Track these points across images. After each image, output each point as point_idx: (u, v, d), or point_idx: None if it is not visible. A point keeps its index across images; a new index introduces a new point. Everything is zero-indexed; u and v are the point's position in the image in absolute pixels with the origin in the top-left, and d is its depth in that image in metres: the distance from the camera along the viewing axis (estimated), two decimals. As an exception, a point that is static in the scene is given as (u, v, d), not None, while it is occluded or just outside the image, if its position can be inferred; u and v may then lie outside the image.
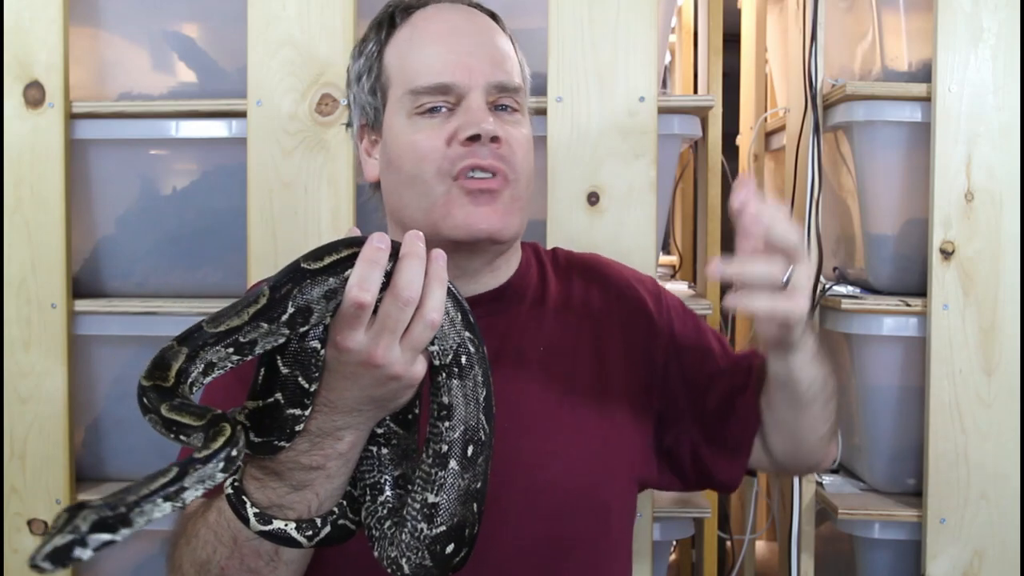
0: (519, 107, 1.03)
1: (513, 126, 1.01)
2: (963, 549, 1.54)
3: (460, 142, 0.97)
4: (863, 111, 1.58)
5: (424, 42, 1.01)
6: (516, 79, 1.02)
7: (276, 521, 0.80)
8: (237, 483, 0.81)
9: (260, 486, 0.80)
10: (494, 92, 1.00)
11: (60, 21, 1.55)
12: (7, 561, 1.58)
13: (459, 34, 1.01)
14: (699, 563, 2.07)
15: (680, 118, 1.57)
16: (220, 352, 0.74)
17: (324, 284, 0.73)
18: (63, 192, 1.56)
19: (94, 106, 1.58)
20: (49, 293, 1.57)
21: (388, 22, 1.05)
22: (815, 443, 1.06)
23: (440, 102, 0.99)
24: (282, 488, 0.80)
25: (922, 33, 1.58)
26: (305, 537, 0.81)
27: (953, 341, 1.54)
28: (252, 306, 0.73)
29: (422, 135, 0.99)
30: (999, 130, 1.52)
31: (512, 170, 0.99)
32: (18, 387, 1.58)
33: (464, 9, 1.05)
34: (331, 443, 0.79)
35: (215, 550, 0.84)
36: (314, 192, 1.52)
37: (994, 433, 1.54)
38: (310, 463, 0.79)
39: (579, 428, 1.01)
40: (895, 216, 1.64)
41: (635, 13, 1.48)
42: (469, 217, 0.97)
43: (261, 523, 0.80)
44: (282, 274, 0.74)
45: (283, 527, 0.80)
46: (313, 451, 0.79)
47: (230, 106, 1.55)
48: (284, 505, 0.80)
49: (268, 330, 0.74)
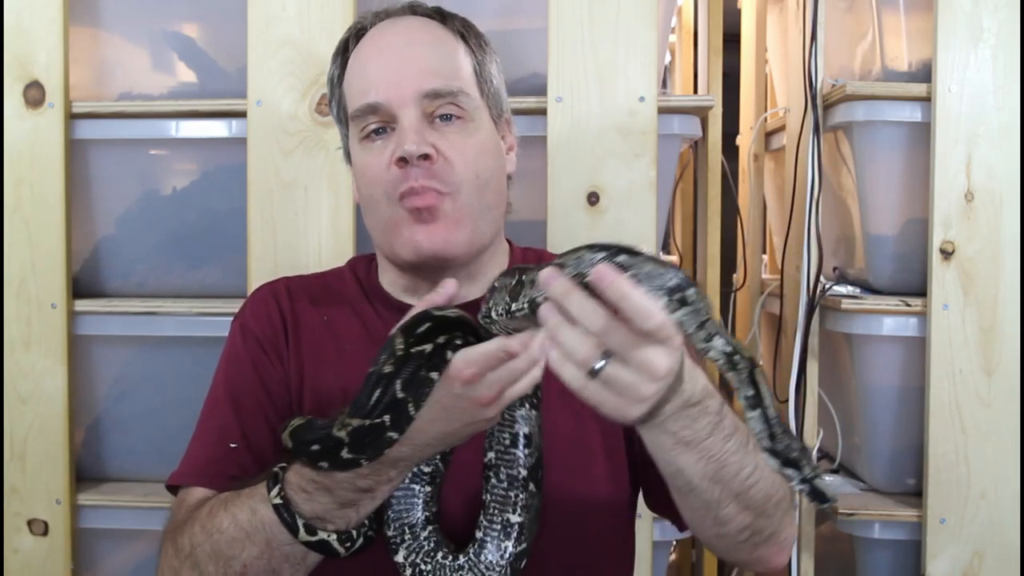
0: (464, 113, 1.01)
1: (457, 135, 0.99)
2: (963, 549, 1.54)
3: (394, 164, 0.98)
4: (863, 111, 1.58)
5: (360, 66, 1.03)
6: (453, 82, 1.00)
7: (320, 532, 0.85)
8: (284, 494, 0.85)
9: (308, 499, 0.84)
10: (428, 102, 0.99)
11: (60, 21, 1.55)
12: (7, 561, 1.58)
13: (389, 51, 1.01)
14: (699, 563, 2.07)
15: (680, 118, 1.57)
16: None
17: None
18: (63, 192, 1.56)
19: (94, 106, 1.58)
20: (49, 293, 1.56)
21: (343, 48, 1.07)
22: (712, 540, 0.92)
23: (377, 123, 1.00)
24: (330, 504, 0.84)
25: (922, 33, 1.58)
26: (344, 548, 0.86)
27: (953, 341, 1.54)
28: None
29: (369, 159, 1.01)
30: (999, 130, 1.52)
31: (448, 184, 0.98)
32: (18, 387, 1.57)
33: (405, 22, 1.05)
34: (387, 470, 0.83)
35: (243, 548, 0.86)
36: (314, 192, 1.52)
37: (994, 433, 1.54)
38: (364, 485, 0.83)
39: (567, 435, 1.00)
40: (895, 216, 1.64)
41: (635, 13, 1.48)
42: (414, 236, 0.98)
43: (308, 533, 0.84)
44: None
45: (325, 538, 0.85)
46: (370, 476, 0.83)
47: (230, 106, 1.55)
48: (327, 519, 0.84)
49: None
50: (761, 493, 0.85)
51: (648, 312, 0.66)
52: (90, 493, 1.62)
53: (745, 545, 0.90)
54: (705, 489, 0.82)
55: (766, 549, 0.91)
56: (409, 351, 0.77)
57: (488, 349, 0.75)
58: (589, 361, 0.69)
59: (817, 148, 1.64)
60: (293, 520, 0.84)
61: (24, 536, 1.58)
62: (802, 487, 0.74)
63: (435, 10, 1.07)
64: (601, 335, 0.68)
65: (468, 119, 1.01)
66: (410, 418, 0.79)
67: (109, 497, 1.60)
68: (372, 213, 1.03)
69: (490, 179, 1.02)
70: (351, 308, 1.07)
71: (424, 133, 0.98)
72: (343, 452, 0.79)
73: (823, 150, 1.65)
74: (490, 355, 0.75)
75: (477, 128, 1.02)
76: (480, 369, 0.75)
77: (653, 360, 0.68)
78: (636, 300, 0.66)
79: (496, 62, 1.08)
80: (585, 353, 0.68)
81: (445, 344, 0.79)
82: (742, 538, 0.88)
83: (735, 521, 0.86)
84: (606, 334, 0.67)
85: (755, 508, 0.86)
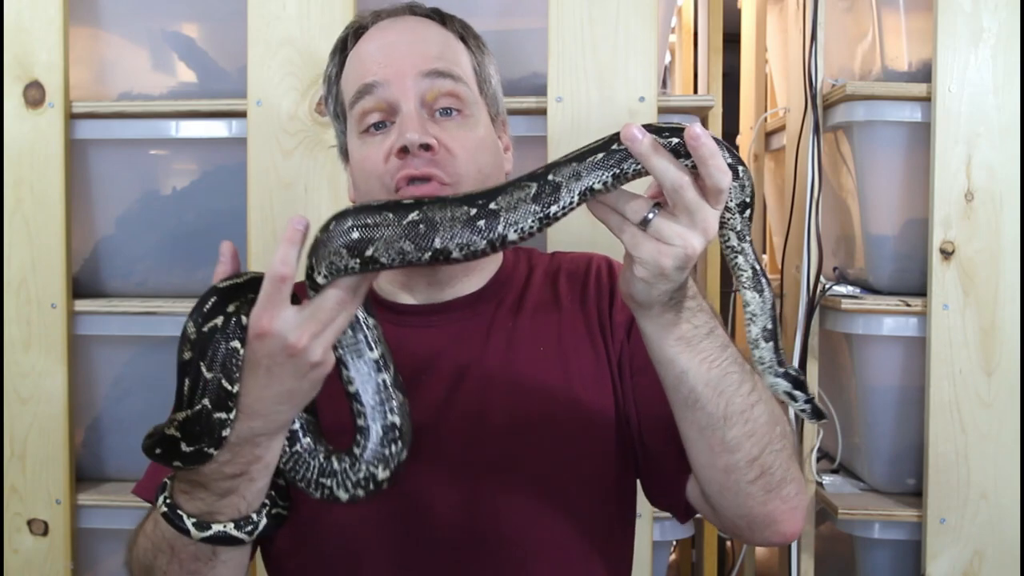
0: (464, 107, 1.01)
1: (458, 129, 1.00)
2: (963, 549, 1.54)
3: (395, 155, 0.97)
4: (863, 111, 1.58)
5: (359, 58, 1.03)
6: (455, 68, 1.01)
7: (214, 526, 0.85)
8: (169, 499, 0.86)
9: (189, 498, 0.85)
10: (429, 83, 0.98)
11: (60, 21, 1.55)
12: (7, 561, 1.58)
13: (390, 42, 1.02)
14: (699, 563, 2.07)
15: (680, 118, 1.57)
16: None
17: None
18: (63, 192, 1.56)
19: (94, 106, 1.58)
20: (49, 293, 1.57)
21: (341, 46, 1.07)
22: (722, 479, 0.89)
23: (378, 118, 1.00)
24: (210, 497, 0.84)
25: (922, 33, 1.58)
26: (245, 533, 0.86)
27: (953, 341, 1.54)
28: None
29: (367, 152, 1.01)
30: (999, 130, 1.52)
31: (450, 174, 0.98)
32: (18, 387, 1.58)
33: (405, 21, 1.05)
34: (250, 450, 0.82)
35: (157, 558, 0.89)
36: (314, 192, 1.52)
37: (994, 433, 1.54)
38: (233, 472, 0.83)
39: (552, 432, 1.00)
40: (895, 216, 1.64)
41: (635, 13, 1.48)
42: None
43: (201, 530, 0.85)
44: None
45: (222, 529, 0.85)
46: (235, 460, 0.82)
47: (230, 106, 1.55)
48: (215, 512, 0.85)
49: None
50: (764, 416, 0.86)
51: (727, 172, 0.73)
52: (90, 493, 1.62)
53: (756, 489, 0.88)
54: (710, 400, 0.84)
55: (779, 502, 0.90)
56: (201, 331, 0.77)
57: (264, 291, 0.75)
58: (640, 212, 0.75)
59: (817, 148, 1.64)
60: (181, 521, 0.85)
61: (24, 536, 1.58)
62: (806, 407, 0.82)
63: (434, 11, 1.08)
64: (680, 189, 0.72)
65: (468, 114, 1.01)
66: (231, 394, 0.78)
67: (109, 497, 1.61)
68: None
69: (490, 175, 1.02)
70: None
71: (425, 124, 0.98)
72: (183, 447, 0.80)
73: (823, 150, 1.65)
74: (271, 299, 0.75)
75: (477, 123, 1.02)
76: (272, 322, 0.75)
77: (709, 218, 0.74)
78: (720, 160, 0.72)
79: (494, 64, 1.08)
80: (637, 209, 0.75)
81: (237, 311, 0.78)
82: (752, 475, 0.88)
83: (744, 448, 0.86)
84: (685, 189, 0.72)
85: (761, 435, 0.86)
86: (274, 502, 0.90)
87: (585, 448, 1.00)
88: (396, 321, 1.04)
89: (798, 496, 0.92)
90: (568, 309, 1.05)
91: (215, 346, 0.78)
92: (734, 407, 0.85)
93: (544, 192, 0.74)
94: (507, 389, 1.01)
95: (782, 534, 0.93)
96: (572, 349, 1.02)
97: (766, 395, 0.87)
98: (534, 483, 0.99)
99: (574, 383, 1.01)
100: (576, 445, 1.00)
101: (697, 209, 0.73)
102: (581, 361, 1.02)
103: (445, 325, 1.03)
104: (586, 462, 1.00)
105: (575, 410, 1.00)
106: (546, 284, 1.08)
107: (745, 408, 0.85)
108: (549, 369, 1.02)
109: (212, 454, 0.80)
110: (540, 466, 0.99)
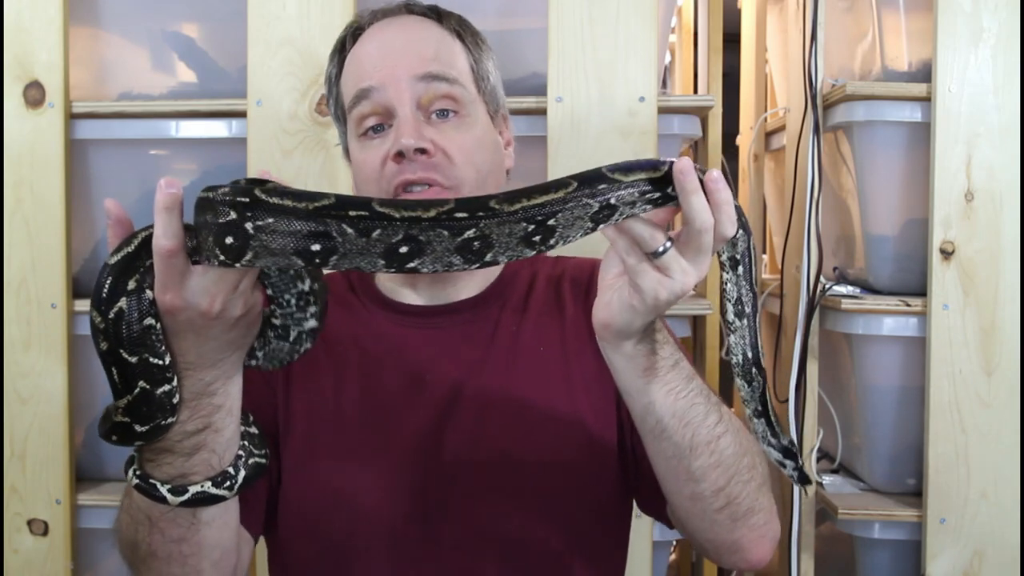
0: (461, 107, 1.01)
1: (454, 131, 1.00)
2: (963, 549, 1.54)
3: (392, 159, 0.97)
4: (863, 111, 1.58)
5: (357, 60, 1.04)
6: (450, 70, 1.01)
7: (191, 488, 0.82)
8: (139, 471, 0.83)
9: (156, 465, 0.82)
10: (424, 87, 0.98)
11: (60, 21, 1.55)
12: (7, 561, 1.58)
13: (386, 44, 1.02)
14: (699, 563, 2.07)
15: (680, 118, 1.57)
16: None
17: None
18: (63, 192, 1.56)
19: (94, 106, 1.58)
20: (49, 293, 1.57)
21: (340, 47, 1.07)
22: (689, 505, 0.90)
23: (375, 121, 1.00)
24: (178, 460, 0.81)
25: (922, 33, 1.58)
26: (225, 489, 0.84)
27: (953, 341, 1.54)
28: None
29: (365, 155, 1.01)
30: (999, 130, 1.52)
31: (448, 177, 0.98)
32: (18, 387, 1.58)
33: (402, 20, 1.05)
34: (207, 400, 0.80)
35: (137, 531, 0.86)
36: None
37: (994, 433, 1.54)
38: (195, 427, 0.80)
39: (556, 434, 1.01)
40: (895, 216, 1.64)
41: (635, 13, 1.48)
42: None
43: (177, 495, 0.82)
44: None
45: (200, 489, 0.83)
46: (195, 416, 0.80)
47: (230, 106, 1.55)
48: (187, 473, 0.82)
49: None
50: (731, 447, 0.87)
51: (734, 222, 0.75)
52: (90, 493, 1.62)
53: (722, 517, 0.89)
54: (676, 430, 0.84)
55: (746, 531, 0.91)
56: (107, 318, 0.74)
57: (158, 269, 0.72)
58: (657, 243, 0.74)
59: (817, 148, 1.64)
60: (155, 490, 0.82)
61: (24, 536, 1.58)
62: (794, 473, 0.85)
63: (431, 8, 1.08)
64: (705, 231, 0.73)
65: (465, 114, 1.01)
66: (163, 366, 0.76)
67: (109, 497, 1.60)
68: None
69: (489, 174, 1.02)
70: (344, 310, 1.06)
71: (421, 128, 0.98)
72: (137, 428, 0.78)
73: (823, 150, 1.65)
74: (167, 274, 0.72)
75: (474, 123, 1.02)
76: (178, 297, 0.72)
77: (705, 261, 0.76)
78: (731, 208, 0.74)
79: (492, 59, 1.08)
80: (657, 239, 0.75)
81: (139, 285, 0.74)
82: (718, 504, 0.88)
83: (710, 479, 0.87)
84: (708, 232, 0.73)
85: (727, 466, 0.87)
86: (249, 452, 0.86)
87: (586, 453, 1.00)
88: (400, 321, 1.04)
89: (766, 525, 0.93)
90: (572, 314, 1.05)
91: (128, 330, 0.74)
92: (700, 438, 0.85)
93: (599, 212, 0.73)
94: (511, 392, 1.01)
95: (748, 561, 0.94)
96: (575, 353, 1.03)
97: (734, 426, 0.88)
98: (535, 487, 0.99)
99: (576, 387, 1.01)
100: (578, 450, 1.00)
101: (707, 252, 0.75)
102: (584, 366, 1.02)
103: (450, 327, 1.03)
104: (587, 466, 1.00)
105: (577, 415, 1.01)
106: (550, 288, 1.08)
107: (711, 439, 0.86)
108: (552, 373, 1.02)
109: (171, 422, 0.79)
110: (542, 467, 0.99)
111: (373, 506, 0.98)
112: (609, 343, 0.82)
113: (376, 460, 0.99)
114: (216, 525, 0.87)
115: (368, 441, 1.00)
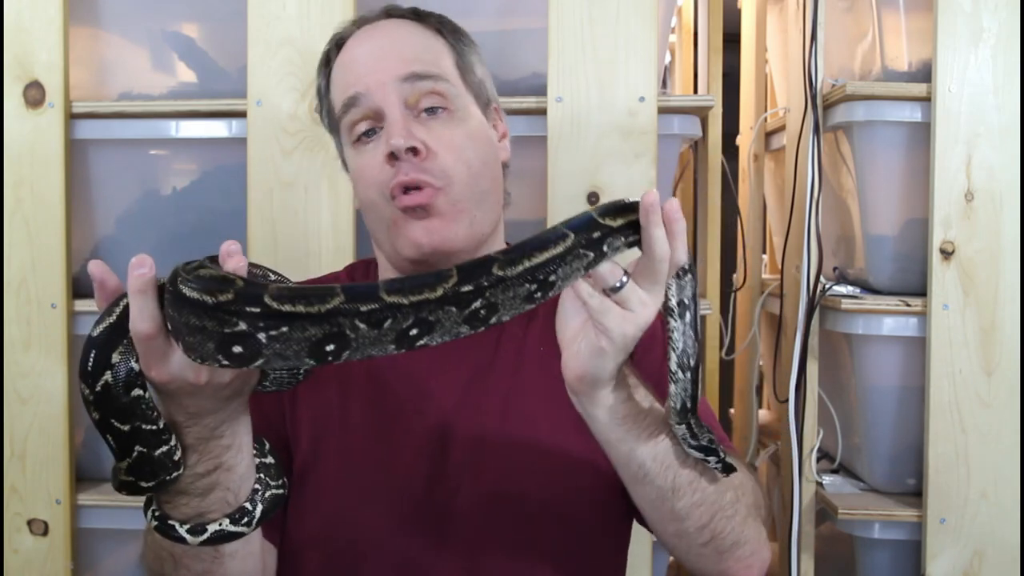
0: (449, 103, 1.01)
1: (444, 127, 1.00)
2: (963, 549, 1.54)
3: (385, 161, 0.98)
4: (863, 111, 1.58)
5: (341, 70, 1.04)
6: (433, 68, 1.01)
7: (209, 527, 0.82)
8: (158, 511, 0.83)
9: (174, 507, 0.82)
10: (410, 87, 0.99)
11: (60, 21, 1.55)
12: (7, 561, 1.58)
13: (369, 50, 1.03)
14: (699, 563, 2.07)
15: (680, 118, 1.57)
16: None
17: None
18: (63, 192, 1.56)
19: (94, 106, 1.58)
20: (49, 293, 1.57)
21: (325, 61, 1.08)
22: (675, 542, 0.92)
23: (367, 126, 1.01)
24: (193, 500, 0.81)
25: (922, 33, 1.58)
26: (243, 526, 0.83)
27: (953, 341, 1.54)
28: None
29: (363, 161, 1.01)
30: (999, 130, 1.52)
31: (440, 177, 0.98)
32: (18, 387, 1.58)
33: (382, 25, 1.06)
34: (215, 443, 0.80)
35: (163, 565, 0.87)
36: (314, 192, 1.52)
37: (994, 433, 1.54)
38: (205, 469, 0.80)
39: (562, 439, 1.01)
40: (895, 216, 1.64)
41: (635, 13, 1.48)
42: (412, 235, 0.98)
43: (196, 535, 0.82)
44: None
45: (219, 528, 0.82)
46: (203, 458, 0.80)
47: (230, 106, 1.55)
48: (204, 512, 0.82)
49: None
50: (713, 485, 0.88)
51: (687, 250, 0.78)
52: (90, 493, 1.62)
53: (708, 551, 0.90)
54: (658, 474, 0.85)
55: (733, 562, 0.92)
56: (95, 391, 0.74)
57: (140, 350, 0.71)
58: (616, 278, 0.75)
59: (817, 148, 1.64)
60: (174, 531, 0.82)
61: (24, 536, 1.58)
62: (718, 466, 0.86)
63: (411, 10, 1.08)
64: (663, 260, 0.76)
65: (454, 110, 1.01)
66: (158, 430, 0.76)
67: (109, 497, 1.60)
68: (372, 214, 1.03)
69: (482, 168, 1.02)
70: None
71: (411, 127, 0.98)
72: (143, 485, 0.78)
73: (823, 150, 1.65)
74: (150, 355, 0.71)
75: (464, 118, 1.02)
76: (163, 372, 0.72)
77: (660, 292, 0.78)
78: (684, 237, 0.77)
79: (477, 53, 1.08)
80: (615, 273, 0.76)
81: (124, 357, 0.74)
82: (703, 539, 0.89)
83: (693, 517, 0.88)
84: (665, 261, 0.76)
85: (711, 503, 0.88)
86: (266, 484, 0.86)
87: (591, 457, 1.00)
88: None
89: (753, 556, 0.93)
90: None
91: (117, 402, 0.74)
92: (682, 479, 0.86)
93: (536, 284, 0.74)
94: (517, 398, 1.01)
95: None
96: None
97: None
98: (540, 491, 0.99)
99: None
100: (584, 453, 0.99)
101: (662, 282, 0.77)
102: None
103: None
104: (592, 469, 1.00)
105: (583, 419, 1.01)
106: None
107: (692, 479, 0.86)
108: (559, 376, 1.02)
109: (177, 475, 0.79)
110: (547, 472, 0.99)
111: (377, 516, 0.98)
112: (586, 395, 0.81)
113: (381, 469, 0.99)
114: (240, 556, 0.87)
115: (373, 450, 1.00)
